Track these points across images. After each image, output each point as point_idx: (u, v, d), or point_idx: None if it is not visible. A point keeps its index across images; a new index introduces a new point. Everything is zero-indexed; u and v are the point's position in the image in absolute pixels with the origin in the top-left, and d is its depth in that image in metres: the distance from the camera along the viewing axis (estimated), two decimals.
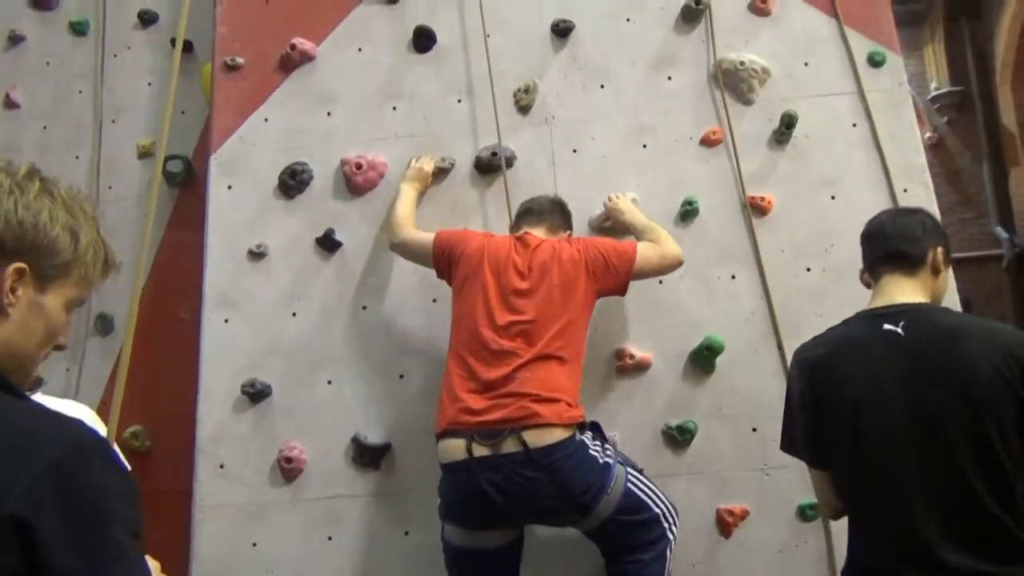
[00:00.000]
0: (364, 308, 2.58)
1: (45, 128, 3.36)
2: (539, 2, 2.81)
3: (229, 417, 2.49)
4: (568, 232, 2.38)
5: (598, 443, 2.07)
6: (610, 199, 2.50)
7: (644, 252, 2.25)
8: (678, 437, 2.38)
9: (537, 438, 1.96)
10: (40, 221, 0.95)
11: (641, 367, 2.45)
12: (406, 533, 2.39)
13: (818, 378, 1.63)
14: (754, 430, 2.41)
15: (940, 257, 1.66)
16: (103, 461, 0.88)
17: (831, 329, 1.73)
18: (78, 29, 3.43)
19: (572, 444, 1.99)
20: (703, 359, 2.43)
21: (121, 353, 1.56)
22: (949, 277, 1.77)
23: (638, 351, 2.45)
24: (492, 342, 2.06)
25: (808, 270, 2.53)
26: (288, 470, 2.42)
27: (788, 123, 2.59)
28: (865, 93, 2.63)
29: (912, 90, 2.71)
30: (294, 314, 2.59)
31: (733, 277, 2.53)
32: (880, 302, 1.64)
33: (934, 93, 8.31)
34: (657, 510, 2.07)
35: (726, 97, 2.66)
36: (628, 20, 2.78)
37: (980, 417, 1.45)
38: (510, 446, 1.95)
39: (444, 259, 2.29)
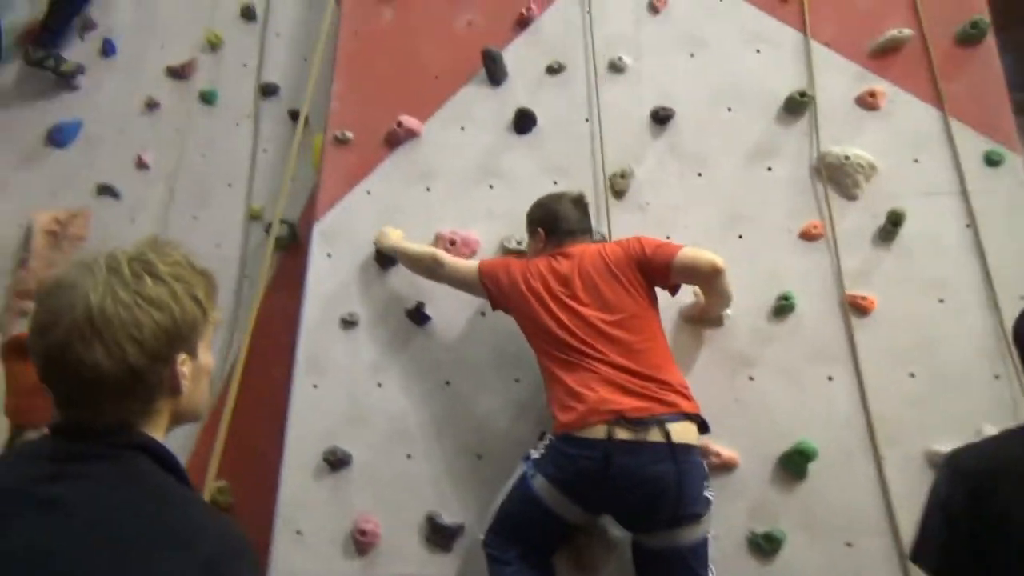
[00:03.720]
0: (448, 383, 2.59)
1: (171, 191, 3.60)
2: (640, 89, 2.84)
3: (310, 483, 2.53)
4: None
5: (707, 482, 2.09)
6: None
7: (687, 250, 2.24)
8: (764, 546, 2.26)
9: (679, 434, 2.02)
10: (175, 315, 1.03)
11: (727, 467, 2.35)
12: None
13: (976, 494, 1.45)
14: (848, 545, 2.26)
15: None
16: (248, 562, 0.97)
17: (1002, 444, 1.55)
18: (207, 99, 3.70)
19: (698, 457, 2.07)
20: (794, 464, 2.31)
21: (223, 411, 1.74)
22: None
23: (724, 449, 2.36)
24: (591, 337, 2.12)
25: (912, 376, 2.39)
26: (362, 543, 2.43)
27: (895, 221, 2.49)
28: (980, 193, 2.51)
29: None
30: (379, 384, 2.64)
31: (830, 378, 2.41)
32: None
33: None
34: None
35: (828, 191, 2.59)
36: (729, 110, 2.76)
37: None
38: (654, 435, 2.00)
39: (495, 286, 2.34)
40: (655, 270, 2.22)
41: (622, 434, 1.99)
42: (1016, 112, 2.71)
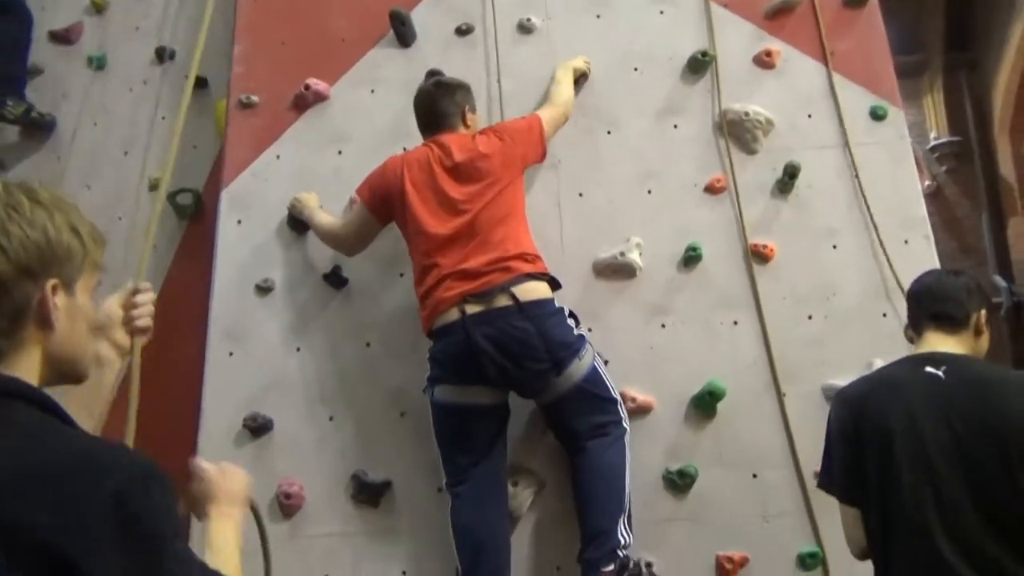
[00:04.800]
0: (368, 345, 2.59)
1: (59, 159, 3.41)
2: (550, 50, 2.88)
3: (229, 451, 2.49)
4: (470, 107, 2.52)
5: (573, 321, 2.25)
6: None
7: (546, 119, 2.48)
8: (679, 482, 2.38)
9: (525, 293, 2.15)
10: (49, 234, 0.98)
11: (643, 410, 2.45)
12: (403, 573, 2.38)
13: (858, 411, 1.73)
14: (754, 476, 2.41)
15: (982, 320, 1.78)
16: (158, 484, 0.88)
17: (878, 370, 1.87)
18: (96, 64, 3.51)
19: (554, 305, 2.21)
20: (704, 404, 2.44)
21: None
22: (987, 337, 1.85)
23: (640, 394, 2.45)
24: (446, 233, 2.23)
25: (809, 318, 2.55)
26: (287, 506, 2.41)
27: (791, 173, 2.63)
28: (867, 145, 2.68)
29: (911, 139, 2.77)
30: (298, 349, 2.61)
31: (735, 323, 2.55)
32: (924, 350, 1.76)
33: (933, 143, 8.42)
34: (615, 395, 2.26)
35: (730, 146, 2.71)
36: (636, 70, 2.84)
37: (1010, 461, 1.52)
38: (502, 301, 2.13)
39: (381, 205, 2.41)
40: (532, 158, 2.44)
41: (472, 308, 2.13)
42: (899, 74, 2.91)
